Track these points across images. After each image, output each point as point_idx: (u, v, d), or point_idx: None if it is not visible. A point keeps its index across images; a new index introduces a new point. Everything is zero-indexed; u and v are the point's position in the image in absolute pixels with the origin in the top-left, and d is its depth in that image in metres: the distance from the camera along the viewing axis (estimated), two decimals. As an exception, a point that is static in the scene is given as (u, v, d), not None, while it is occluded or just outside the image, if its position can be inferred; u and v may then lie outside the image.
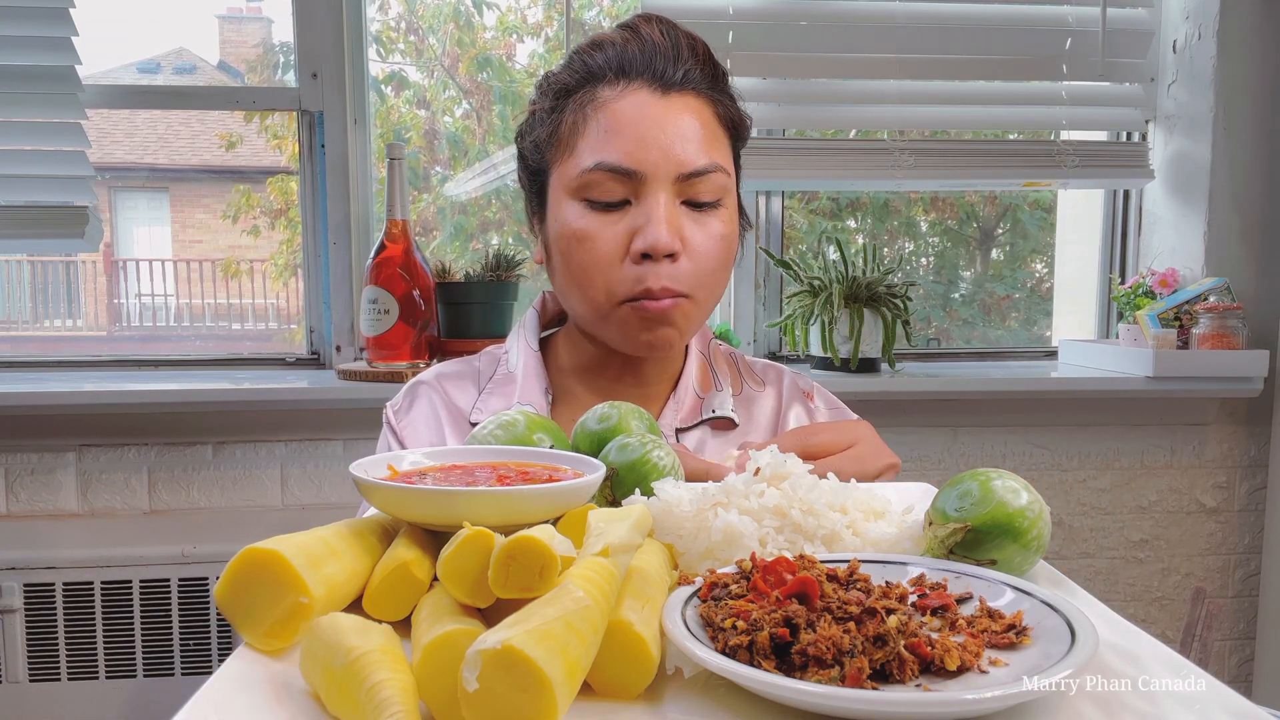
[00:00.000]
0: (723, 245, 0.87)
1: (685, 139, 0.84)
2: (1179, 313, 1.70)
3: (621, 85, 0.85)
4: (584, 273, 0.85)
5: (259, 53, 6.04)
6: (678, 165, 0.83)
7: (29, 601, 1.54)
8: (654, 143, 0.83)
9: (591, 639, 0.36)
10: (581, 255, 0.85)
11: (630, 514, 0.45)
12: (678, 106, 0.85)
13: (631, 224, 0.84)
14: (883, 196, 2.38)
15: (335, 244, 1.74)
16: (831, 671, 0.36)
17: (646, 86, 0.85)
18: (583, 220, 0.85)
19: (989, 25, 1.78)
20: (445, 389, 0.96)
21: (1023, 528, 0.47)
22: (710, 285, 0.88)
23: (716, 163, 0.86)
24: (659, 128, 0.83)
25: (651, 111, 0.84)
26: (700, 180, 0.84)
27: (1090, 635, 0.38)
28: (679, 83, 0.86)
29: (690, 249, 0.85)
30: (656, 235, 0.82)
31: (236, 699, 0.37)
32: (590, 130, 0.85)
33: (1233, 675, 1.87)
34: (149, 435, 1.63)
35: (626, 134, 0.83)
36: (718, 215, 0.87)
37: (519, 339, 0.98)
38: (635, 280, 0.84)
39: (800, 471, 0.53)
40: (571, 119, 0.86)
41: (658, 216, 0.82)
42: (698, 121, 0.85)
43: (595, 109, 0.85)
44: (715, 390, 0.96)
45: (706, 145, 0.85)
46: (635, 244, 0.83)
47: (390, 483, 0.48)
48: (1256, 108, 1.75)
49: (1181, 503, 1.84)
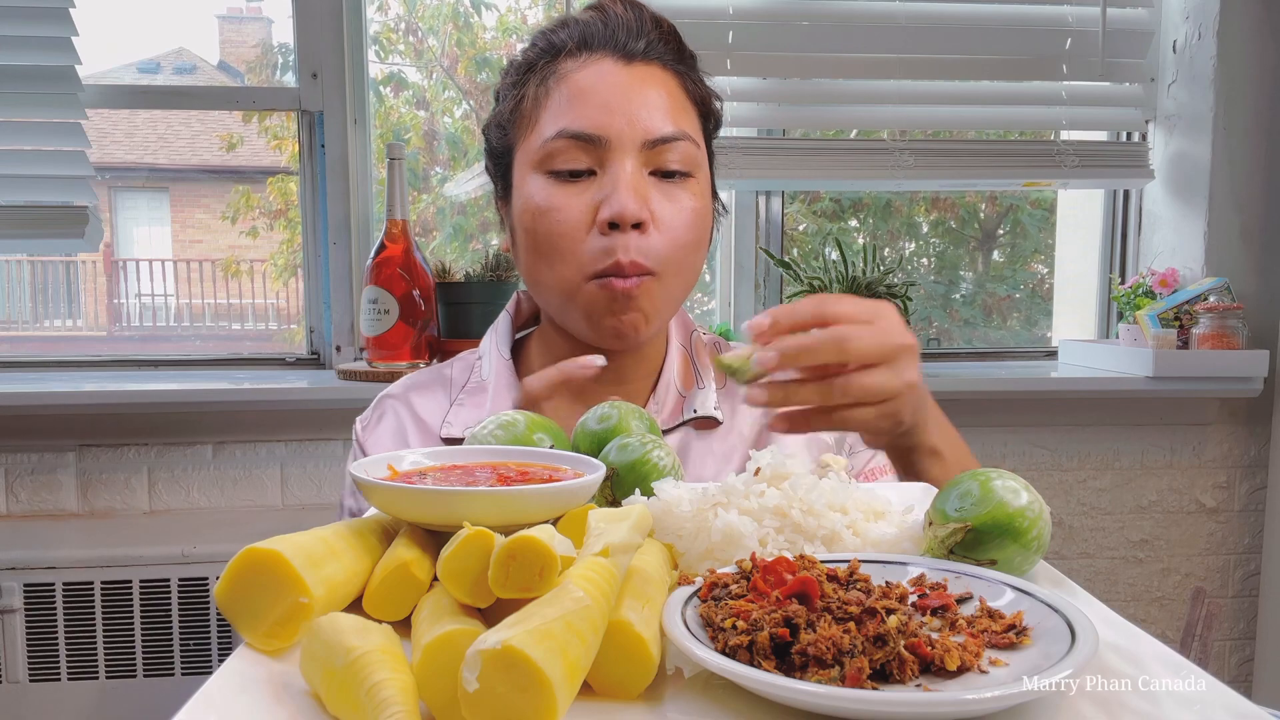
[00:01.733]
0: (694, 219, 0.83)
1: (650, 106, 0.81)
2: (1179, 313, 1.70)
3: (584, 56, 0.83)
4: (550, 246, 0.82)
5: (259, 53, 6.04)
6: (643, 131, 0.80)
7: (29, 601, 1.54)
8: (618, 108, 0.80)
9: (591, 639, 0.36)
10: (547, 227, 0.81)
11: (630, 514, 0.45)
12: (642, 75, 0.82)
13: (597, 194, 0.81)
14: (884, 197, 2.38)
15: (335, 244, 1.74)
16: (831, 671, 0.36)
17: (610, 56, 0.83)
18: (546, 192, 0.81)
19: (989, 25, 1.78)
20: (412, 403, 0.93)
21: (1023, 528, 0.47)
22: (681, 264, 0.83)
23: (684, 131, 0.82)
24: (623, 94, 0.81)
25: (615, 79, 0.81)
26: (667, 148, 0.81)
27: (1090, 635, 0.38)
28: (642, 53, 0.83)
29: (659, 222, 0.81)
30: (622, 202, 0.78)
31: (236, 699, 0.37)
32: (552, 101, 0.82)
33: (1233, 675, 1.87)
34: (149, 435, 1.63)
35: (589, 101, 0.80)
36: (687, 188, 0.83)
37: (491, 344, 0.95)
38: (603, 252, 0.80)
39: (800, 472, 0.53)
40: (534, 92, 0.84)
41: (624, 183, 0.79)
42: (663, 91, 0.83)
43: (558, 80, 0.83)
44: (697, 388, 0.91)
45: (673, 114, 0.82)
46: (601, 213, 0.79)
47: (390, 483, 0.48)
48: (1256, 108, 1.75)
49: (1181, 503, 1.84)
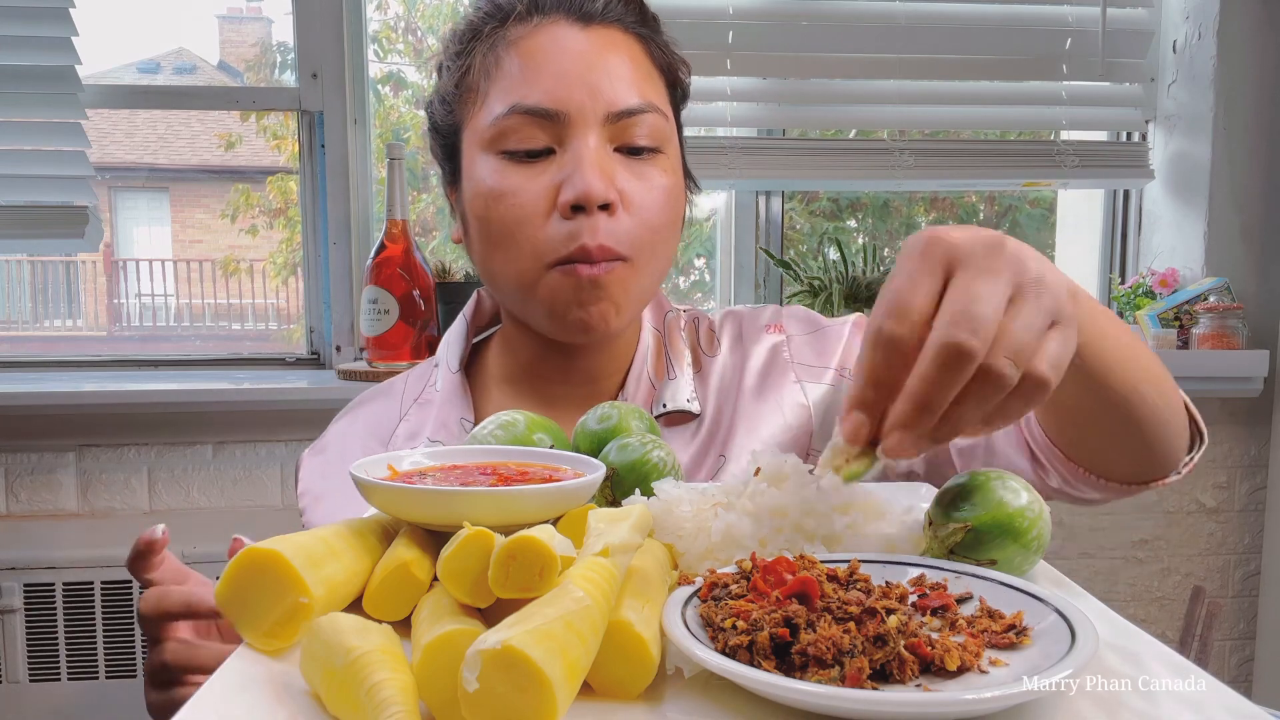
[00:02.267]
0: (666, 198, 0.75)
1: (613, 75, 0.73)
2: (1179, 313, 1.70)
3: (536, 20, 0.74)
4: (506, 234, 0.73)
5: (259, 53, 6.04)
6: (606, 104, 0.72)
7: (29, 601, 1.54)
8: (577, 79, 0.72)
9: (591, 639, 0.36)
10: (501, 213, 0.73)
11: (630, 514, 0.45)
12: (602, 40, 0.74)
13: (557, 174, 0.72)
14: (883, 197, 2.38)
15: (335, 244, 1.74)
16: (831, 671, 0.36)
17: (565, 19, 0.74)
18: (500, 175, 0.73)
19: (989, 25, 1.78)
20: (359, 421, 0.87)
21: (1023, 528, 0.47)
22: (654, 247, 0.75)
23: (651, 103, 0.75)
24: (582, 62, 0.72)
25: (572, 45, 0.73)
26: (633, 122, 0.73)
27: (1090, 635, 0.38)
28: (600, 14, 0.75)
29: (629, 202, 0.73)
30: (587, 182, 0.70)
31: (236, 699, 0.37)
32: (502, 72, 0.73)
33: (1233, 675, 1.87)
34: (149, 435, 1.63)
35: (544, 71, 0.72)
36: (657, 165, 0.76)
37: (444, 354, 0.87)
38: (568, 237, 0.71)
39: (800, 471, 0.53)
40: (480, 63, 0.75)
41: (587, 161, 0.71)
42: (626, 57, 0.74)
43: (507, 48, 0.74)
44: (668, 379, 0.82)
45: (638, 83, 0.74)
46: (563, 195, 0.71)
47: (390, 483, 0.48)
48: (1256, 108, 1.75)
49: (1181, 503, 1.84)
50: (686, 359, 0.84)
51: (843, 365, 0.83)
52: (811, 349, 0.84)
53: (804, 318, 0.87)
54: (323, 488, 0.84)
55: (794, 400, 0.81)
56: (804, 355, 0.84)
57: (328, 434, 0.90)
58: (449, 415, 0.82)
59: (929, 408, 0.42)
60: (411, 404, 0.86)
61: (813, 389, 0.82)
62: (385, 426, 0.86)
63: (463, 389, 0.84)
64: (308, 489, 0.85)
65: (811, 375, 0.83)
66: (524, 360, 0.84)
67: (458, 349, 0.86)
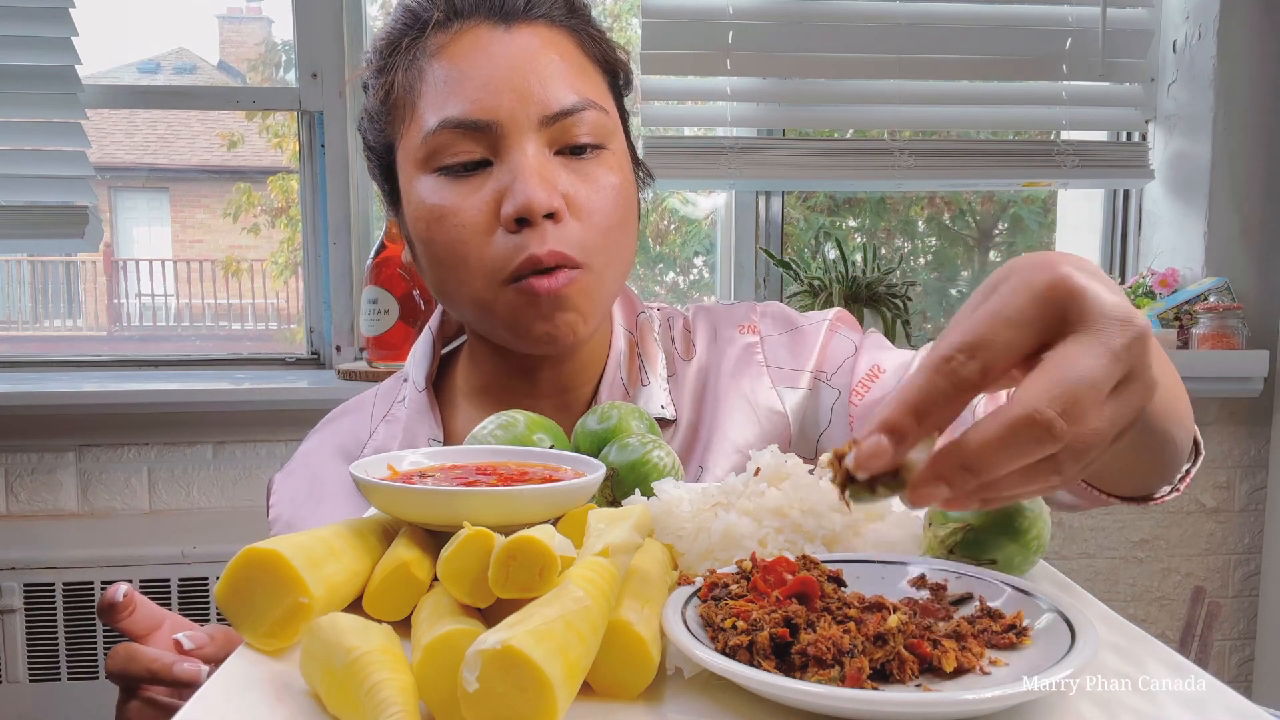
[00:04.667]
0: (616, 196, 0.72)
1: (543, 75, 0.69)
2: (1179, 313, 1.71)
3: (455, 25, 0.71)
4: (451, 255, 0.70)
5: (259, 52, 6.04)
6: (539, 106, 0.69)
7: (29, 601, 1.54)
8: (504, 84, 0.68)
9: (591, 639, 0.36)
10: (445, 234, 0.70)
11: (630, 514, 0.45)
12: (527, 39, 0.70)
13: (496, 186, 0.69)
14: (880, 193, 2.38)
15: (335, 244, 1.74)
16: (831, 671, 0.36)
17: (485, 21, 0.71)
18: (438, 195, 0.70)
19: (989, 25, 1.78)
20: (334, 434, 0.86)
21: (1022, 528, 0.47)
22: (609, 249, 0.72)
23: (588, 99, 0.71)
24: (508, 66, 0.69)
25: (496, 49, 0.69)
26: (571, 122, 0.70)
27: (1090, 635, 0.38)
28: (523, 11, 0.71)
29: (575, 207, 0.70)
30: (528, 192, 0.66)
31: (236, 699, 0.37)
32: (427, 85, 0.70)
33: (1233, 675, 1.87)
34: (149, 435, 1.63)
35: (470, 80, 0.69)
36: (602, 162, 0.72)
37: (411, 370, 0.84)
38: (516, 249, 0.68)
39: (800, 471, 0.53)
40: (404, 77, 0.72)
41: (525, 170, 0.67)
42: (555, 54, 0.71)
43: (429, 59, 0.71)
44: (642, 385, 0.79)
45: (571, 79, 0.71)
46: (505, 208, 0.68)
47: (390, 483, 0.48)
48: (1256, 108, 1.75)
49: (1181, 503, 1.84)
50: (660, 363, 0.81)
51: (819, 368, 0.79)
52: (787, 350, 0.81)
53: (779, 316, 0.83)
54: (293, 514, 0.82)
55: (770, 407, 0.78)
56: (779, 358, 0.80)
57: (297, 455, 0.87)
58: (417, 434, 0.80)
59: (979, 472, 0.36)
60: (380, 421, 0.84)
61: (789, 394, 0.79)
62: (354, 444, 0.84)
63: (430, 407, 0.81)
64: (279, 515, 0.83)
65: (787, 380, 0.79)
66: (490, 374, 0.81)
67: (424, 365, 0.83)
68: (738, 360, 0.81)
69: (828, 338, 0.80)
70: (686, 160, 1.70)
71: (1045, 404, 0.34)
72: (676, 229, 2.60)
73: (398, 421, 0.81)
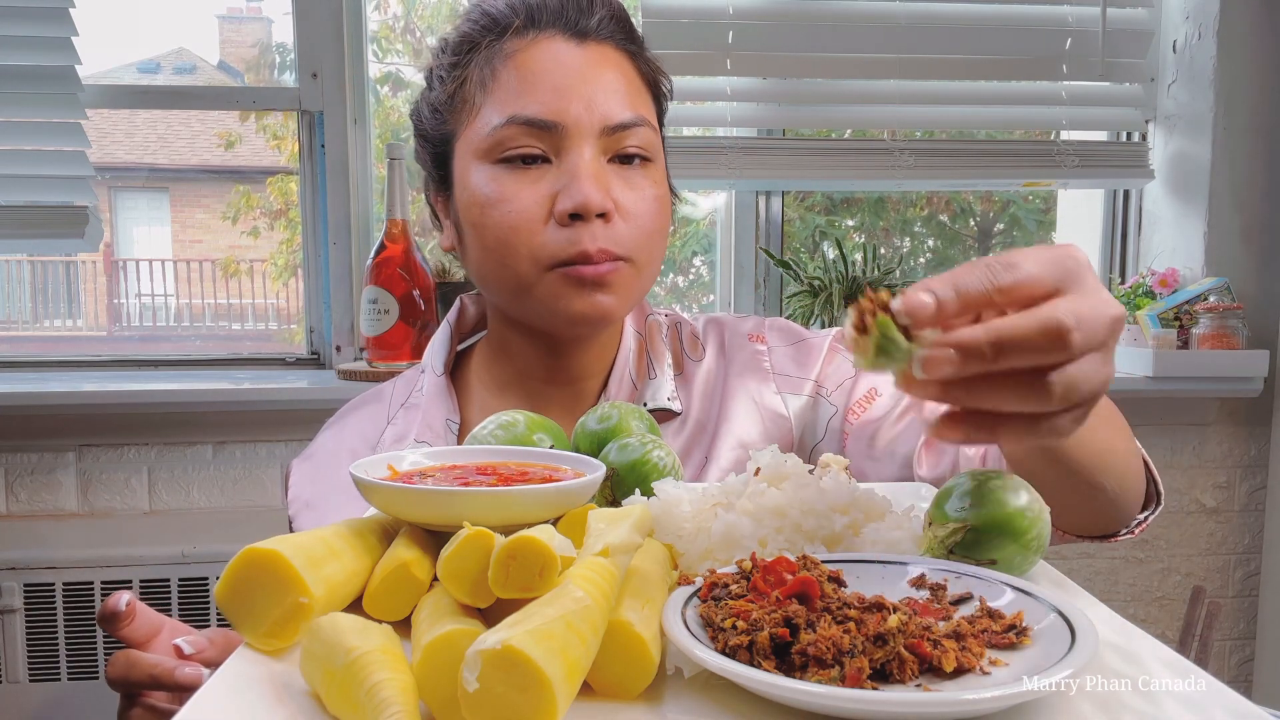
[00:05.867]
0: (658, 205, 0.78)
1: (608, 90, 0.76)
2: (1179, 313, 1.70)
3: (532, 34, 0.77)
4: (502, 240, 0.75)
5: (258, 52, 6.04)
6: (602, 118, 0.75)
7: (29, 601, 1.54)
8: (574, 93, 0.74)
9: (591, 639, 0.36)
10: (498, 219, 0.75)
11: (630, 514, 0.45)
12: (595, 56, 0.77)
13: (553, 184, 0.75)
14: (878, 193, 2.38)
15: (335, 244, 1.74)
16: (831, 671, 0.36)
17: (561, 35, 0.77)
18: (496, 183, 0.75)
19: (989, 25, 1.78)
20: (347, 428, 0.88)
21: (1022, 528, 0.47)
22: (650, 250, 0.78)
23: (643, 116, 0.77)
24: (579, 77, 0.75)
25: (568, 60, 0.76)
26: (627, 134, 0.76)
27: (1090, 635, 0.38)
28: (594, 31, 0.78)
29: (623, 210, 0.76)
30: (585, 192, 0.72)
31: (236, 699, 0.37)
32: (499, 85, 0.76)
33: (1233, 675, 1.87)
34: (149, 435, 1.63)
35: (542, 84, 0.74)
36: (648, 175, 0.78)
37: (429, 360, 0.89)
38: (567, 242, 0.74)
39: (800, 471, 0.53)
40: (477, 75, 0.77)
41: (584, 172, 0.73)
42: (619, 73, 0.77)
43: (504, 60, 0.76)
44: (649, 378, 0.85)
45: (630, 97, 0.77)
46: (560, 204, 0.73)
47: (390, 483, 0.48)
48: (1256, 108, 1.75)
49: (1181, 503, 1.84)
50: (667, 360, 0.87)
51: (821, 379, 0.85)
52: (793, 360, 0.87)
53: (785, 329, 0.89)
54: (312, 493, 0.85)
55: (774, 410, 0.84)
56: (785, 366, 0.86)
57: (316, 442, 0.91)
58: (434, 417, 0.84)
59: (994, 353, 0.40)
60: (399, 408, 0.88)
61: (793, 400, 0.84)
62: (374, 431, 0.88)
63: (448, 391, 0.86)
64: (298, 495, 0.86)
65: (792, 386, 0.85)
66: (512, 359, 0.85)
67: (442, 353, 0.88)
68: (746, 364, 0.86)
69: (830, 355, 0.87)
70: (686, 160, 1.70)
71: (1070, 314, 0.41)
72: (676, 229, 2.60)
73: (416, 408, 0.86)
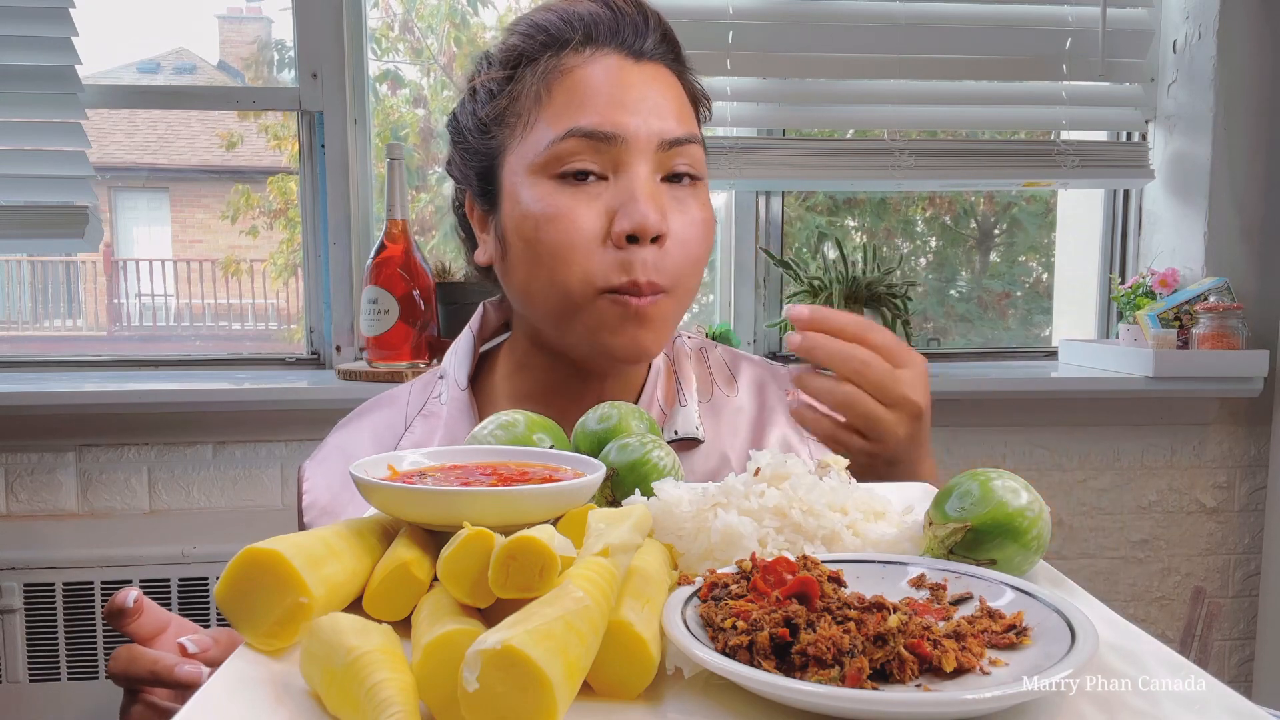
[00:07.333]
0: (704, 231, 0.79)
1: (663, 107, 0.76)
2: (1179, 313, 1.70)
3: (589, 51, 0.77)
4: (556, 256, 0.74)
5: (258, 52, 6.04)
6: (659, 132, 0.75)
7: (29, 601, 1.54)
8: (632, 107, 0.75)
9: (591, 639, 0.36)
10: (554, 236, 0.74)
11: (630, 514, 0.45)
12: (651, 74, 0.78)
13: (611, 202, 0.74)
14: (880, 193, 2.37)
15: (335, 244, 1.74)
16: (831, 671, 0.36)
17: (618, 53, 0.77)
18: (553, 198, 0.74)
19: (989, 25, 1.78)
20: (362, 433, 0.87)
21: (1023, 528, 0.47)
22: (690, 280, 0.79)
23: (695, 134, 0.78)
24: (636, 93, 0.75)
25: (625, 77, 0.76)
26: (680, 151, 0.76)
27: (1090, 635, 0.38)
28: (649, 51, 0.79)
29: (673, 235, 0.76)
30: (644, 213, 0.72)
31: (236, 699, 0.37)
32: (555, 99, 0.75)
33: (1233, 675, 1.87)
34: (149, 435, 1.63)
35: (601, 98, 0.74)
36: (697, 197, 0.79)
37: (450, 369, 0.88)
38: (619, 267, 0.73)
39: (800, 472, 0.53)
40: (533, 89, 0.77)
41: (643, 192, 0.73)
42: (671, 92, 0.78)
43: (560, 76, 0.76)
44: (679, 405, 0.85)
45: (682, 116, 0.78)
46: (618, 224, 0.73)
47: (390, 483, 0.48)
48: (1256, 108, 1.75)
49: (1181, 503, 1.84)
50: (694, 385, 0.87)
51: None
52: None
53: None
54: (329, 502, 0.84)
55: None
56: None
57: (329, 444, 0.89)
58: (457, 433, 0.82)
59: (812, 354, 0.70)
60: (416, 415, 0.86)
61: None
62: (390, 436, 0.86)
63: (470, 406, 0.84)
64: (315, 502, 0.85)
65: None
66: (539, 380, 0.85)
67: (465, 363, 0.87)
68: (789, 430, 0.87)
69: None
70: (686, 160, 1.70)
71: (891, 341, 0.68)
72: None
73: (436, 417, 0.85)
